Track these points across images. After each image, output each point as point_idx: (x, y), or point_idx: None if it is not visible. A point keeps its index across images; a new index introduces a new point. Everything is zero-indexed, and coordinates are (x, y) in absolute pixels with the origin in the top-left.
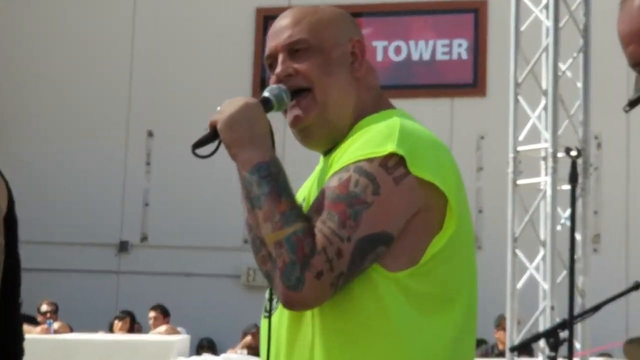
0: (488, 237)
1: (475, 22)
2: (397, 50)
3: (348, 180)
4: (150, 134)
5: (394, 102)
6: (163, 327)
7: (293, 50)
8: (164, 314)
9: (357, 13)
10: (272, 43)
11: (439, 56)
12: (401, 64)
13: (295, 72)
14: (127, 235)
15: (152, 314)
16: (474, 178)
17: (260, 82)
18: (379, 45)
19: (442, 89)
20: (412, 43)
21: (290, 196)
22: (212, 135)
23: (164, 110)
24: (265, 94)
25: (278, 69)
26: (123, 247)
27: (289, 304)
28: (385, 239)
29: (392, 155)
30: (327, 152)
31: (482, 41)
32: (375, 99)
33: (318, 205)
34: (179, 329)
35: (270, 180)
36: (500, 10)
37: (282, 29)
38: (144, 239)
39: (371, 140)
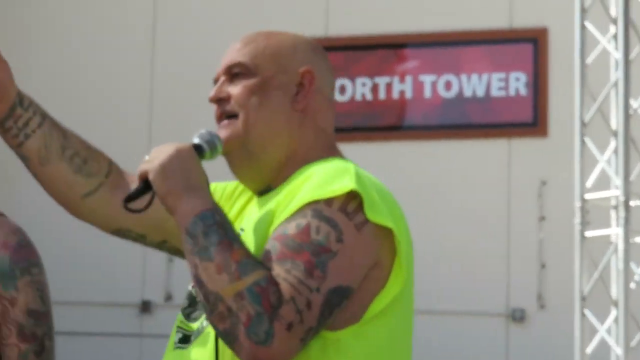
0: (552, 295)
1: (534, 53)
2: (448, 86)
3: (308, 227)
4: None
5: (445, 143)
6: None
7: (232, 73)
8: None
9: (402, 44)
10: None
11: (495, 92)
12: (452, 100)
13: (227, 97)
14: (149, 294)
15: None
16: (535, 228)
17: None
18: (426, 80)
19: (499, 129)
20: (464, 77)
21: (242, 244)
22: (144, 187)
23: None
24: (196, 140)
25: (212, 92)
26: (145, 307)
27: None
28: (350, 292)
29: (350, 196)
30: (261, 194)
31: (543, 75)
32: (325, 144)
33: (274, 254)
34: None
35: (218, 228)
36: (563, 41)
37: (230, 52)
38: (168, 298)
39: (325, 180)
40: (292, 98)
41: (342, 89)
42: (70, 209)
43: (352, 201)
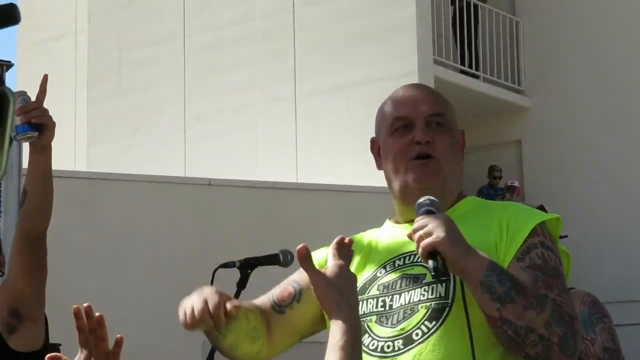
0: None
1: None
2: None
3: (543, 256)
4: None
5: None
6: None
7: (432, 121)
8: None
9: None
10: (407, 108)
11: None
12: None
13: (433, 141)
14: None
15: None
16: None
17: None
18: None
19: None
20: None
21: (525, 282)
22: (435, 258)
23: None
24: (431, 208)
25: (419, 135)
26: None
27: None
28: None
29: (548, 229)
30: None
31: None
32: None
33: (541, 283)
34: None
35: (506, 274)
36: None
37: (418, 99)
38: None
39: (529, 214)
40: (461, 153)
41: None
42: None
43: (550, 233)
